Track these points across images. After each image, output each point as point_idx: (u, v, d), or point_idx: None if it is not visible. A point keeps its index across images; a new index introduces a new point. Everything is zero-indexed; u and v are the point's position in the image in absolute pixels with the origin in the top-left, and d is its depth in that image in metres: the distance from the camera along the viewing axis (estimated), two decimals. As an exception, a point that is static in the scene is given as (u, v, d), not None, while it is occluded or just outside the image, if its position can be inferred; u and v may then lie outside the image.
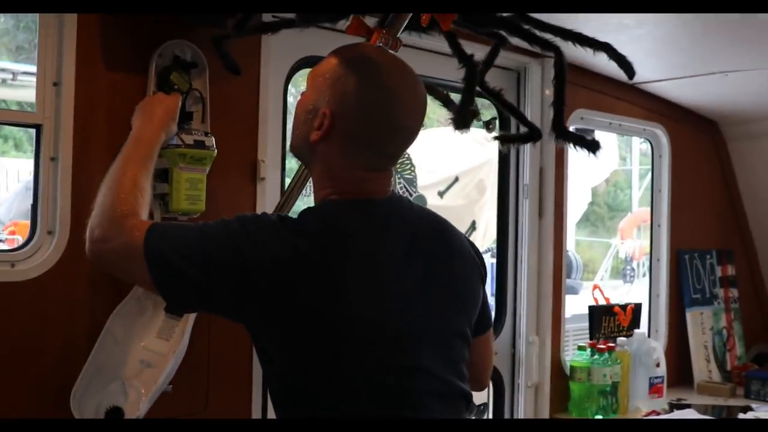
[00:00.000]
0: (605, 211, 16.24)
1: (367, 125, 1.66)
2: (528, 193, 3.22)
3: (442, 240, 1.78)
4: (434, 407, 1.66)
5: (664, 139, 3.86)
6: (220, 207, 2.12)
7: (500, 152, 3.24)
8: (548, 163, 3.24)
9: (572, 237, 12.49)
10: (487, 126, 2.20)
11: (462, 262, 1.80)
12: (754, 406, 3.42)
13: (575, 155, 2.06)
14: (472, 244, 1.89)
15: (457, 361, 1.74)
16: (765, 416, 3.18)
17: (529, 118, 2.30)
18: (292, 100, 2.57)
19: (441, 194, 6.82)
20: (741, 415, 3.24)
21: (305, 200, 2.76)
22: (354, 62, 1.70)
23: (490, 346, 1.98)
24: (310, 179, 1.83)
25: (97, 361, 1.99)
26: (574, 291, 7.69)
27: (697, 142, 4.03)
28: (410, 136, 1.73)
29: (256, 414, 2.38)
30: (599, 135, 3.90)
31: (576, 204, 10.62)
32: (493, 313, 3.09)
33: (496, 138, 2.30)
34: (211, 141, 2.14)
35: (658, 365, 3.46)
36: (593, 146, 1.98)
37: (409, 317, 1.65)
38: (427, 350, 1.67)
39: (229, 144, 2.23)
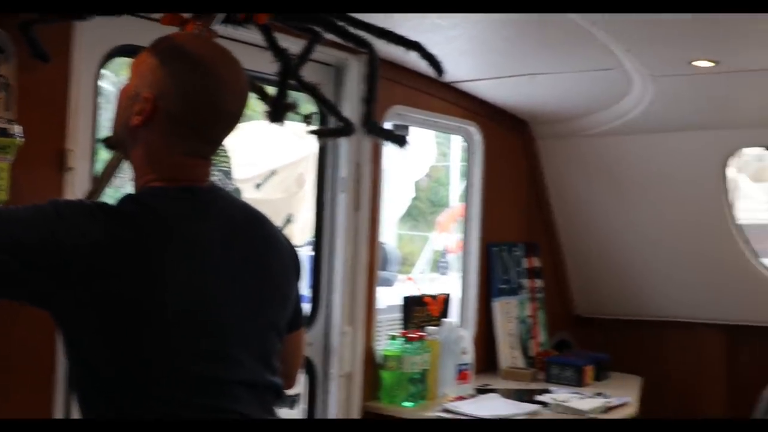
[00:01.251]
0: (427, 206, 16.61)
1: (190, 109, 1.65)
2: (345, 187, 3.26)
3: (259, 233, 1.80)
4: (243, 397, 1.66)
5: (477, 137, 4.00)
6: (25, 196, 2.03)
7: (319, 146, 3.30)
8: (364, 158, 3.28)
9: (394, 231, 12.71)
10: (306, 120, 2.24)
11: (279, 255, 1.83)
12: (552, 389, 3.61)
13: (393, 151, 2.13)
14: (288, 240, 1.91)
15: (269, 353, 1.75)
16: (561, 398, 3.38)
17: (347, 113, 2.34)
18: (112, 89, 2.50)
19: (258, 186, 6.80)
20: (538, 398, 3.42)
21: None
22: (176, 48, 1.69)
23: (300, 345, 2.00)
24: (121, 168, 1.79)
25: None
26: (389, 283, 7.85)
27: (509, 140, 4.21)
28: (233, 122, 1.73)
29: (59, 414, 2.29)
30: (418, 131, 4.01)
31: (400, 199, 10.80)
32: (308, 306, 3.15)
33: (312, 132, 2.34)
34: (15, 129, 2.05)
35: (464, 353, 3.58)
36: (400, 141, 2.06)
37: (224, 306, 1.66)
38: (239, 340, 1.67)
39: (36, 132, 2.14)
